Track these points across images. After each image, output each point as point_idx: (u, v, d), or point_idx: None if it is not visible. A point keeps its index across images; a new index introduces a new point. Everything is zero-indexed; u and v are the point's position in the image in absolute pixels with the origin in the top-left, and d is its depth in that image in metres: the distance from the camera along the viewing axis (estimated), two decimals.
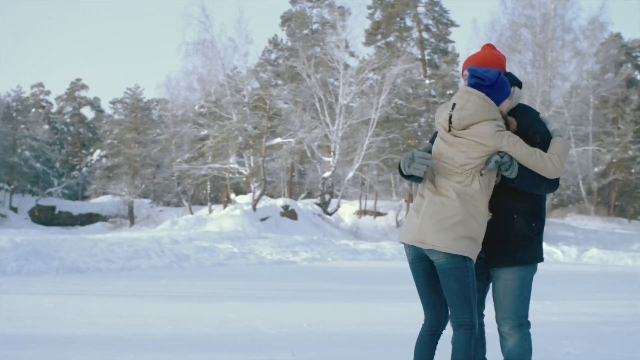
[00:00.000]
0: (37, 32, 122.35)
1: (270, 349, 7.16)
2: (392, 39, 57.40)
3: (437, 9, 57.41)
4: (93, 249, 19.08)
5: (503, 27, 49.06)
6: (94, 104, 73.07)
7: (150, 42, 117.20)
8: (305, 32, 53.83)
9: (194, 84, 52.90)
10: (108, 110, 68.30)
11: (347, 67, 46.30)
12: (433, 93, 51.20)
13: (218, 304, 10.79)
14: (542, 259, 4.71)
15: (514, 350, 4.65)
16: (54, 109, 71.62)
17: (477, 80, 4.54)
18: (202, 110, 51.92)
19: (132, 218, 54.80)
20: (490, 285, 4.80)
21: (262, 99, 44.15)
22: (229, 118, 46.61)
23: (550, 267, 21.05)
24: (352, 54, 50.99)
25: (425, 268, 4.58)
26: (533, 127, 4.63)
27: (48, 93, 71.26)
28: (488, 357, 4.91)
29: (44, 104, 70.65)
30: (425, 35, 58.41)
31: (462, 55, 53.90)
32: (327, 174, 44.07)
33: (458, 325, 4.45)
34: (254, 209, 37.85)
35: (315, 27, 54.74)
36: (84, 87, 71.61)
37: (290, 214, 39.05)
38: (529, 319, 4.72)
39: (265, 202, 40.30)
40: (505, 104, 4.64)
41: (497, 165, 4.42)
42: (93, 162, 66.17)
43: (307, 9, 55.08)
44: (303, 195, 53.96)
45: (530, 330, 4.71)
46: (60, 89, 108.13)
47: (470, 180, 4.43)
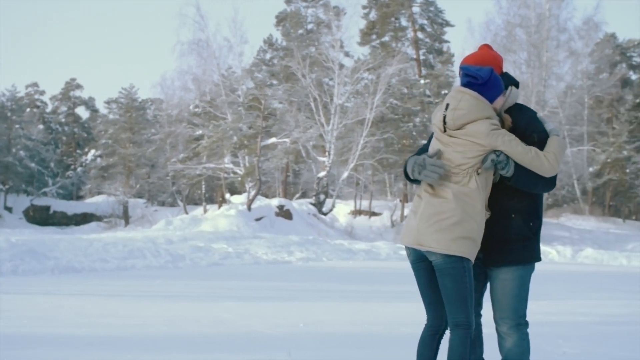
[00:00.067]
0: (32, 31, 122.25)
1: (267, 349, 7.16)
2: (387, 39, 57.50)
3: (432, 9, 57.53)
4: (88, 249, 19.07)
5: (498, 27, 49.15)
6: (89, 104, 73.00)
7: (145, 41, 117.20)
8: (300, 32, 53.91)
9: (189, 84, 52.82)
10: (103, 110, 68.49)
11: (342, 67, 46.34)
12: (428, 93, 51.23)
13: (214, 304, 10.80)
14: (539, 259, 4.72)
15: (513, 350, 4.66)
16: (49, 109, 71.52)
17: (469, 79, 4.54)
18: (196, 110, 51.84)
19: (126, 218, 54.75)
20: (488, 285, 4.81)
21: (257, 99, 44.17)
22: (224, 118, 46.56)
23: (546, 267, 21.05)
24: (347, 54, 51.00)
25: (426, 269, 4.60)
26: (530, 126, 4.63)
27: (43, 93, 71.18)
28: (486, 357, 4.91)
29: (39, 104, 70.54)
30: (420, 35, 58.54)
31: (457, 55, 54.05)
32: (322, 174, 44.08)
33: (454, 325, 4.46)
34: (249, 209, 37.89)
35: (310, 27, 54.82)
36: (79, 86, 71.54)
37: (285, 214, 39.07)
38: (527, 319, 4.73)
39: (260, 202, 40.34)
40: (500, 101, 4.63)
41: (493, 164, 4.43)
42: (88, 162, 66.20)
43: (302, 9, 55.16)
44: (298, 195, 53.90)
45: (529, 330, 4.72)
46: (55, 89, 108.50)
47: (468, 180, 4.44)
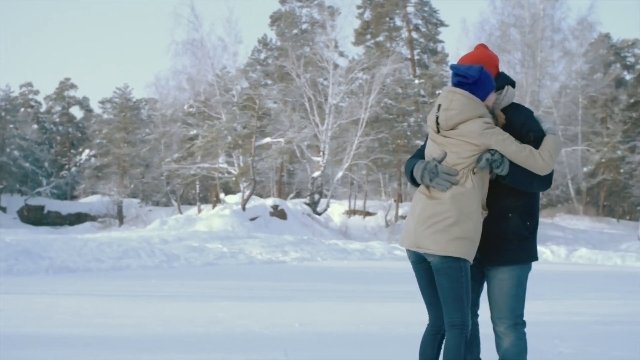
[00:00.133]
0: (25, 31, 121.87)
1: (263, 349, 7.16)
2: (381, 39, 57.56)
3: (426, 9, 57.59)
4: (83, 249, 19.03)
5: (492, 27, 49.27)
6: (83, 104, 72.80)
7: (140, 41, 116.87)
8: (295, 31, 53.88)
9: (183, 84, 52.74)
10: (97, 110, 68.31)
11: (336, 66, 46.30)
12: (422, 93, 51.30)
13: (209, 304, 10.78)
14: (536, 258, 4.72)
15: (510, 350, 4.66)
16: (43, 109, 71.32)
17: (460, 79, 4.54)
18: (191, 110, 51.84)
19: (121, 218, 54.68)
20: (485, 285, 4.81)
21: (251, 99, 44.15)
22: (218, 118, 46.52)
23: (540, 266, 21.03)
24: (341, 54, 50.95)
25: (426, 269, 4.61)
26: (526, 125, 4.62)
27: (37, 92, 70.93)
28: (483, 357, 4.91)
29: (33, 104, 70.31)
30: (415, 35, 58.59)
31: (451, 55, 54.13)
32: (316, 174, 44.06)
33: (450, 325, 4.47)
34: (244, 209, 37.87)
35: (305, 26, 54.82)
36: (73, 86, 71.31)
37: (280, 214, 39.05)
38: (524, 319, 4.73)
39: (255, 201, 40.31)
40: (492, 98, 4.62)
41: (488, 163, 4.43)
42: (82, 161, 66.12)
43: (296, 9, 55.14)
44: (292, 195, 53.93)
45: (525, 330, 4.73)
46: (49, 89, 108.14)
47: (464, 180, 4.44)
